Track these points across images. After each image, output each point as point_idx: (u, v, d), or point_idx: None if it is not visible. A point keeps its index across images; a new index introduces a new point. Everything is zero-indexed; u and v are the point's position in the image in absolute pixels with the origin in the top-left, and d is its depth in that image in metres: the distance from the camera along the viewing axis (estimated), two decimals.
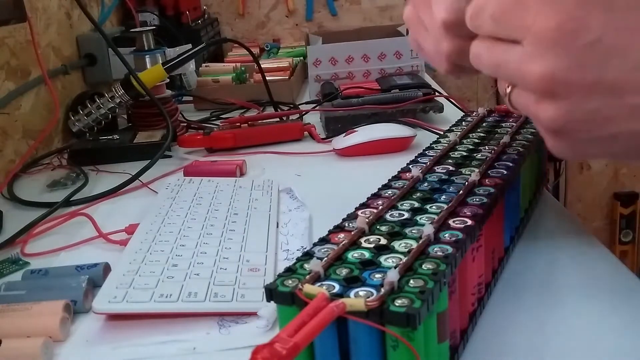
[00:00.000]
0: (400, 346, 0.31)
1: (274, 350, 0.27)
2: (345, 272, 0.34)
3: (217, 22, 1.86)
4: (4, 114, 0.88)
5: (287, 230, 0.60)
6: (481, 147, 0.54)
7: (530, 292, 0.47)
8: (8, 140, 0.88)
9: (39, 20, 1.01)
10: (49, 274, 0.53)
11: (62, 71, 1.07)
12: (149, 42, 0.99)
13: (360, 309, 0.31)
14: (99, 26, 1.02)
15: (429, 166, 0.50)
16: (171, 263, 0.51)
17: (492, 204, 0.43)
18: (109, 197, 0.74)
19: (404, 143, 0.83)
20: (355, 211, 0.43)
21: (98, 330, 0.46)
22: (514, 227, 0.53)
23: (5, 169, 0.86)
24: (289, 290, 0.33)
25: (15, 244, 0.62)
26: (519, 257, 0.52)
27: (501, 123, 0.61)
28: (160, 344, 0.44)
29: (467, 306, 0.41)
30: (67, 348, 0.44)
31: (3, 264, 0.58)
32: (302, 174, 0.77)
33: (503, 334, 0.42)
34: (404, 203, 0.43)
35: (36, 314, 0.46)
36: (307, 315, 0.30)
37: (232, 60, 1.39)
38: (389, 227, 0.40)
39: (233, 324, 0.45)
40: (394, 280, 0.32)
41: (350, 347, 0.32)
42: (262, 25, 1.99)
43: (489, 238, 0.44)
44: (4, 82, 0.89)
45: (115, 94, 0.93)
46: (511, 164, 0.50)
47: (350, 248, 0.37)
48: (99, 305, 0.46)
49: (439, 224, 0.39)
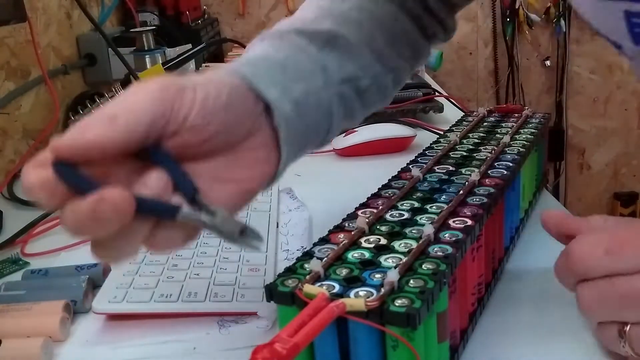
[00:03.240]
0: (400, 346, 0.31)
1: (274, 350, 0.27)
2: (345, 272, 0.34)
3: (217, 22, 1.86)
4: (4, 114, 0.88)
5: (287, 230, 0.60)
6: (481, 147, 0.54)
7: (530, 292, 0.47)
8: (8, 140, 0.88)
9: (39, 20, 1.01)
10: (49, 274, 0.53)
11: (62, 71, 1.07)
12: (149, 42, 1.00)
13: (360, 309, 0.31)
14: (99, 26, 1.02)
15: (429, 166, 0.50)
16: (171, 263, 0.51)
17: (492, 204, 0.43)
18: None
19: (404, 143, 0.83)
20: (355, 211, 0.43)
21: (98, 330, 0.46)
22: (514, 227, 0.53)
23: (5, 169, 0.86)
24: (289, 290, 0.33)
25: (15, 244, 0.62)
26: (519, 257, 0.52)
27: (501, 123, 0.61)
28: (160, 344, 0.44)
29: (467, 306, 0.41)
30: (67, 348, 0.44)
31: (3, 264, 0.58)
32: (302, 173, 0.77)
33: (503, 334, 0.42)
34: (404, 203, 0.43)
35: (36, 314, 0.46)
36: (307, 315, 0.30)
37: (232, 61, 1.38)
38: (389, 227, 0.40)
39: (233, 324, 0.45)
40: (394, 280, 0.32)
41: (350, 347, 0.32)
42: (262, 25, 1.99)
43: (489, 238, 0.44)
44: (4, 82, 0.89)
45: (115, 94, 0.93)
46: (511, 164, 0.50)
47: (350, 248, 0.37)
48: (99, 305, 0.46)
49: (439, 224, 0.39)
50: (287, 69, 0.42)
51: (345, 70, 0.47)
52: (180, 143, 0.34)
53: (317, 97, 0.44)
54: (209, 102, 0.35)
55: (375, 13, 0.52)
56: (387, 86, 0.53)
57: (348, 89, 0.47)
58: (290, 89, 0.41)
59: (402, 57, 0.55)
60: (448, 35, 0.60)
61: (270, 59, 0.43)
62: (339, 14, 0.50)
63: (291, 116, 0.40)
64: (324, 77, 0.45)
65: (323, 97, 0.44)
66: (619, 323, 0.36)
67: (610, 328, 0.36)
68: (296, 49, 0.45)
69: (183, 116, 0.34)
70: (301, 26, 0.47)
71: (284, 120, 0.40)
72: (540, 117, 0.63)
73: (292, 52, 0.44)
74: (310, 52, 0.45)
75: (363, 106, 0.50)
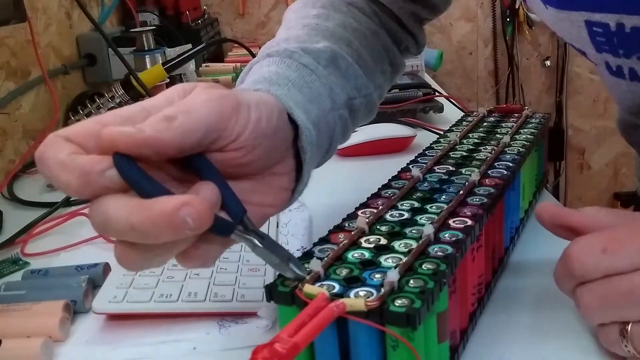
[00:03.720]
0: (400, 346, 0.31)
1: (274, 350, 0.27)
2: (345, 272, 0.34)
3: (217, 22, 1.86)
4: (4, 114, 0.88)
5: (287, 230, 0.60)
6: (481, 147, 0.54)
7: (530, 292, 0.47)
8: (8, 140, 0.88)
9: (39, 20, 1.01)
10: (49, 274, 0.53)
11: (62, 71, 1.07)
12: (149, 42, 1.00)
13: (360, 309, 0.31)
14: (99, 26, 1.02)
15: (429, 166, 0.50)
16: (171, 263, 0.51)
17: (492, 204, 0.43)
18: None
19: (404, 143, 0.83)
20: (355, 211, 0.43)
21: (98, 330, 0.46)
22: (514, 227, 0.53)
23: (5, 169, 0.86)
24: (289, 290, 0.33)
25: (15, 244, 0.62)
26: (519, 257, 0.52)
27: (501, 123, 0.61)
28: (160, 344, 0.44)
29: (467, 306, 0.41)
30: (67, 348, 0.44)
31: (3, 264, 0.58)
32: None
33: (503, 334, 0.42)
34: (404, 203, 0.43)
35: (36, 314, 0.46)
36: (307, 315, 0.30)
37: (232, 60, 1.39)
38: (389, 227, 0.40)
39: (233, 324, 0.45)
40: (394, 280, 0.32)
41: (350, 347, 0.32)
42: (262, 25, 1.99)
43: (489, 238, 0.44)
44: (4, 82, 0.89)
45: (115, 94, 0.93)
46: (511, 164, 0.50)
47: (350, 248, 0.37)
48: (99, 305, 0.46)
49: (439, 224, 0.39)
50: (302, 90, 0.42)
51: (346, 92, 0.47)
52: (221, 159, 0.33)
53: (326, 120, 0.43)
54: (262, 124, 0.34)
55: (359, 30, 0.52)
56: (375, 103, 0.53)
57: (346, 110, 0.47)
58: (309, 112, 0.41)
59: (384, 74, 0.55)
60: (419, 48, 0.61)
61: (289, 79, 0.42)
62: (328, 33, 0.49)
63: (313, 140, 0.40)
64: (331, 100, 0.44)
65: (329, 119, 0.44)
66: (620, 323, 0.35)
67: (611, 329, 0.36)
68: (306, 70, 0.44)
69: (236, 134, 0.33)
70: (303, 45, 0.46)
71: (309, 144, 0.39)
72: (540, 117, 0.63)
73: (304, 72, 0.44)
74: (320, 73, 0.45)
75: (353, 125, 0.49)
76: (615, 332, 0.36)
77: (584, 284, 0.36)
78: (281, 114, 0.37)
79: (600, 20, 0.47)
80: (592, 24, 0.48)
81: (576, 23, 0.49)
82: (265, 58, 0.45)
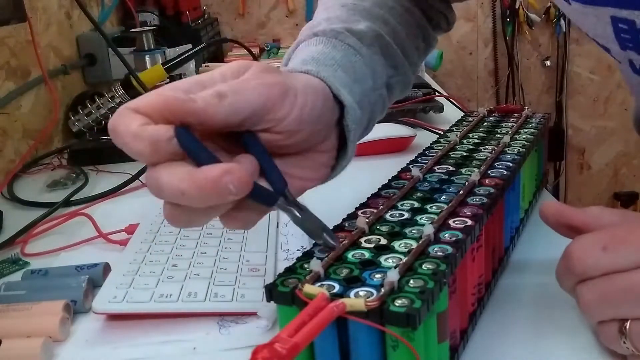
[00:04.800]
0: (400, 346, 0.31)
1: (274, 350, 0.27)
2: (345, 272, 0.34)
3: (217, 22, 1.86)
4: (4, 114, 0.88)
5: (287, 230, 0.60)
6: (481, 147, 0.54)
7: (530, 292, 0.47)
8: (8, 140, 0.88)
9: (39, 20, 1.01)
10: (49, 274, 0.53)
11: (62, 71, 1.07)
12: (149, 42, 0.99)
13: (360, 309, 0.31)
14: (99, 26, 1.02)
15: (429, 166, 0.50)
16: (171, 263, 0.51)
17: (492, 204, 0.43)
18: (109, 197, 0.74)
19: (404, 143, 0.83)
20: (355, 211, 0.43)
21: (98, 330, 0.46)
22: (514, 227, 0.53)
23: (5, 169, 0.86)
24: (289, 290, 0.33)
25: (15, 244, 0.62)
26: (519, 257, 0.52)
27: (501, 123, 0.61)
28: (160, 344, 0.44)
29: (467, 306, 0.41)
30: (67, 348, 0.44)
31: (3, 264, 0.58)
32: None
33: (503, 334, 0.42)
34: (404, 203, 0.43)
35: (36, 314, 0.46)
36: (307, 315, 0.30)
37: (231, 60, 1.39)
38: (389, 227, 0.40)
39: (233, 324, 0.45)
40: (394, 280, 0.32)
41: (350, 347, 0.32)
42: (262, 25, 1.99)
43: (489, 238, 0.44)
44: (4, 82, 0.89)
45: (115, 94, 0.93)
46: (511, 164, 0.50)
47: (350, 248, 0.37)
48: (99, 305, 0.46)
49: (439, 224, 0.39)
50: (348, 70, 0.44)
51: (385, 71, 0.49)
52: (266, 139, 0.36)
53: (368, 99, 0.45)
54: (306, 111, 0.37)
55: (394, 8, 0.54)
56: (410, 80, 0.55)
57: (385, 89, 0.49)
58: (353, 91, 0.43)
59: (419, 50, 0.56)
60: (450, 25, 0.62)
61: (335, 60, 0.44)
62: (366, 12, 0.51)
63: (358, 118, 0.42)
64: (372, 80, 0.47)
65: (371, 99, 0.46)
66: (619, 320, 0.36)
67: (610, 326, 0.36)
68: (351, 50, 0.46)
69: (280, 118, 0.35)
70: (347, 25, 0.48)
71: (354, 122, 0.41)
72: (540, 117, 0.63)
73: (349, 52, 0.46)
74: (364, 53, 0.47)
75: (390, 102, 0.52)
76: (614, 329, 0.36)
77: (585, 282, 0.36)
78: (326, 100, 0.39)
79: (627, 16, 0.46)
80: (618, 20, 0.47)
81: (602, 19, 0.48)
82: (312, 37, 0.47)
